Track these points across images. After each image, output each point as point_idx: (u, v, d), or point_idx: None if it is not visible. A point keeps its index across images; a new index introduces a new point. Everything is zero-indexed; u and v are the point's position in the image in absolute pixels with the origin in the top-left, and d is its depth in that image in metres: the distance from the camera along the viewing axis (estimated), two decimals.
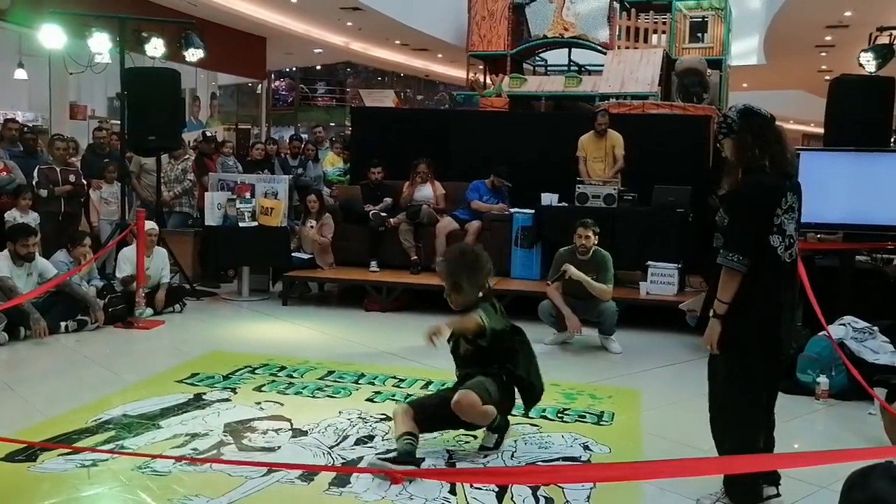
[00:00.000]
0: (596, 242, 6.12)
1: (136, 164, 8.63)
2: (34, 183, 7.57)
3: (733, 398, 3.31)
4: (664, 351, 6.08)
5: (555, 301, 6.15)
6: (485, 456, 3.91)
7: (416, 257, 7.69)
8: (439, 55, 19.30)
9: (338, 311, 7.59)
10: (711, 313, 3.26)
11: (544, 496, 3.42)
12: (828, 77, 14.45)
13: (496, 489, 3.45)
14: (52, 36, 7.29)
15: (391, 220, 7.85)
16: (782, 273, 3.21)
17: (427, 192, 8.06)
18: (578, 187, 7.46)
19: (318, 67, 23.40)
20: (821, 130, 7.60)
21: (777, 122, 3.30)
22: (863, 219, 5.89)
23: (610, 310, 6.10)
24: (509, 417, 4.16)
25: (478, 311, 3.90)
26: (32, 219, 7.20)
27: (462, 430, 4.17)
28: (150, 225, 7.02)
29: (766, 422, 3.45)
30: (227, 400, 4.64)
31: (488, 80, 12.49)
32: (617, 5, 11.72)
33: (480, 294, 4.01)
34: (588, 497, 3.44)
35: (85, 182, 8.08)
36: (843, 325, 5.19)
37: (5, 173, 7.42)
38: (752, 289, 3.16)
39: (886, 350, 5.05)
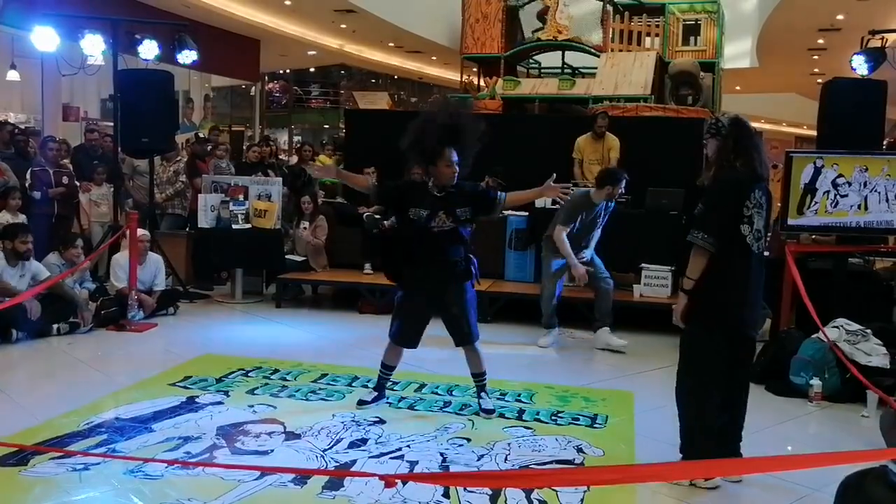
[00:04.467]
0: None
1: (128, 166, 8.60)
2: (27, 185, 7.54)
3: (693, 370, 3.62)
4: (657, 353, 6.08)
5: (562, 248, 6.07)
6: (479, 459, 3.90)
7: None
8: (433, 57, 19.30)
9: (331, 313, 7.57)
10: (680, 288, 3.66)
11: (538, 499, 3.42)
12: (820, 80, 14.50)
13: (490, 492, 3.45)
14: (44, 38, 7.27)
15: (385, 222, 7.83)
16: (752, 261, 3.56)
17: None
18: (573, 189, 7.44)
19: (312, 70, 23.39)
20: (814, 133, 7.62)
21: (759, 135, 3.73)
22: (856, 221, 5.91)
23: (605, 287, 6.17)
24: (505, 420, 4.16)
25: None
26: (22, 220, 7.17)
27: (455, 433, 4.19)
28: (140, 231, 6.97)
29: (737, 402, 3.71)
30: (220, 403, 4.63)
31: (482, 83, 12.48)
32: (610, 8, 11.73)
33: None
34: (582, 500, 3.44)
35: (77, 184, 8.05)
36: (837, 327, 5.21)
37: None
38: (724, 271, 3.52)
39: (879, 352, 5.07)
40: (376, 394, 4.70)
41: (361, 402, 4.65)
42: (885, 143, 7.49)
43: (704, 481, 3.54)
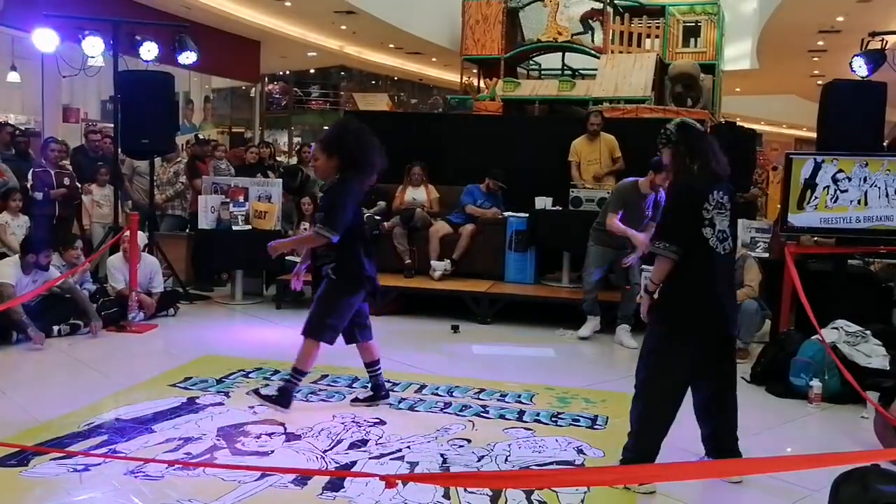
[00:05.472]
0: None
1: (128, 167, 8.60)
2: (29, 186, 7.55)
3: (649, 371, 3.63)
4: None
5: (619, 230, 6.14)
6: (479, 460, 3.91)
7: (409, 261, 7.69)
8: (433, 59, 19.32)
9: None
10: (643, 288, 3.76)
11: (538, 500, 3.42)
12: (820, 81, 14.52)
13: (490, 493, 3.45)
14: (45, 39, 7.27)
15: (385, 223, 7.84)
16: (716, 262, 3.55)
17: (421, 195, 8.05)
18: (572, 191, 7.47)
19: (312, 71, 23.39)
20: (813, 135, 7.62)
21: (709, 136, 3.77)
22: (856, 216, 5.92)
23: (631, 291, 6.25)
24: (503, 421, 4.15)
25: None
26: (24, 221, 7.18)
27: (455, 434, 4.19)
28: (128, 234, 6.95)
29: (726, 401, 3.74)
30: (221, 404, 4.63)
31: (482, 84, 12.49)
32: (611, 10, 11.75)
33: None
34: (582, 501, 3.44)
35: (79, 185, 8.06)
36: (836, 328, 5.21)
37: None
38: (690, 275, 3.54)
39: (878, 353, 5.07)
40: (371, 393, 4.73)
41: (356, 400, 4.71)
42: (885, 143, 7.48)
43: (639, 486, 3.51)
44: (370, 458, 3.87)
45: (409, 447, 4.02)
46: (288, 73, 23.18)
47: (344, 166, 4.33)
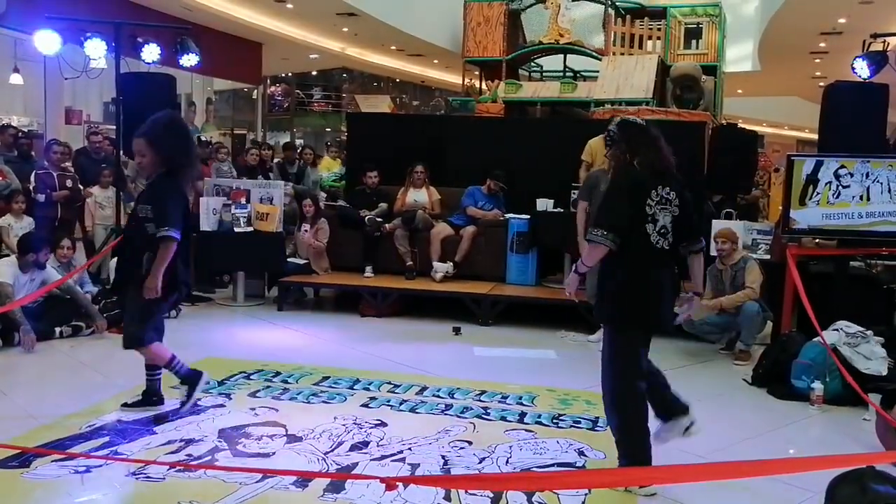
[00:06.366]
0: None
1: (131, 169, 8.60)
2: (32, 188, 7.56)
3: (612, 372, 3.63)
4: (658, 356, 6.03)
5: (579, 224, 6.18)
6: (480, 462, 3.91)
7: (411, 263, 7.70)
8: (435, 61, 19.33)
9: (333, 316, 7.58)
10: (574, 269, 3.72)
11: (539, 502, 3.42)
12: (822, 83, 14.51)
13: (491, 495, 3.45)
14: (47, 41, 7.28)
15: (386, 225, 7.85)
16: (655, 257, 3.53)
17: (422, 196, 8.06)
18: (574, 192, 7.46)
19: (314, 73, 23.41)
20: (815, 136, 7.62)
21: (653, 130, 3.67)
22: (858, 212, 5.92)
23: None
24: (502, 422, 4.15)
25: None
26: (27, 223, 7.19)
27: (456, 436, 4.19)
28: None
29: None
30: (222, 406, 4.64)
31: (484, 86, 12.49)
32: (612, 11, 11.75)
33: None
34: (583, 503, 3.44)
35: (81, 187, 8.07)
36: (836, 330, 5.20)
37: (1, 178, 7.41)
38: (628, 270, 3.52)
39: (878, 356, 5.06)
40: (140, 398, 4.51)
41: (125, 405, 4.49)
42: (892, 142, 7.47)
43: (640, 488, 3.50)
44: (371, 460, 3.87)
45: (410, 449, 4.02)
46: (290, 74, 23.19)
47: (171, 163, 4.20)
